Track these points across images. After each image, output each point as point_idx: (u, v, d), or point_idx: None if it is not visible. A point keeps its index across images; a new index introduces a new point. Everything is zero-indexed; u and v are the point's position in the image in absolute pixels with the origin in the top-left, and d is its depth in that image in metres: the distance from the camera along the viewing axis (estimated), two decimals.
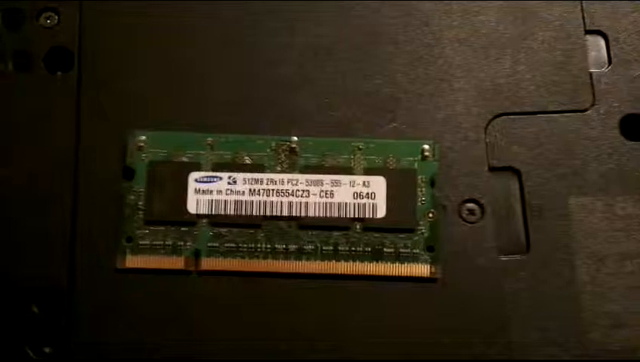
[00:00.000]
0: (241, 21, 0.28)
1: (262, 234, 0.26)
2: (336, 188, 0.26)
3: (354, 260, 0.26)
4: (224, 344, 0.25)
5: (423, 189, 0.26)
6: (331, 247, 0.26)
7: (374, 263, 0.26)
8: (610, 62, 0.28)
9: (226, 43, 0.27)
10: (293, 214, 0.26)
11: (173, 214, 0.26)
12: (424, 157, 0.27)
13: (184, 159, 0.27)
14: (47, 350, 0.25)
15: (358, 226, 0.26)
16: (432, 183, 0.26)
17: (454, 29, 0.28)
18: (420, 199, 0.26)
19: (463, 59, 0.28)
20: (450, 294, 0.26)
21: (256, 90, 0.27)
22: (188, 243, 0.26)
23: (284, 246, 0.26)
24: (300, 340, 0.26)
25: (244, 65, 0.27)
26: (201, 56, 0.27)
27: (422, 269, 0.26)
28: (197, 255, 0.26)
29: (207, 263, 0.26)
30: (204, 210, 0.26)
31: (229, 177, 0.26)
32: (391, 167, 0.27)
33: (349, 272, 0.26)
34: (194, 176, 0.26)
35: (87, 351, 0.25)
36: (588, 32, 0.28)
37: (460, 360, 0.25)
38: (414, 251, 0.26)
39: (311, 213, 0.26)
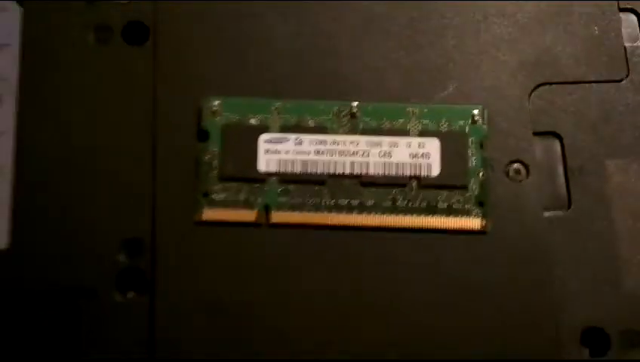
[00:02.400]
0: None
1: (326, 191, 0.28)
2: (394, 148, 0.29)
3: (411, 214, 0.28)
4: (291, 289, 0.27)
5: (473, 150, 0.29)
6: (390, 203, 0.28)
7: (429, 217, 0.28)
8: None
9: (289, 17, 0.30)
10: (355, 172, 0.28)
11: (245, 172, 0.28)
12: (474, 122, 0.29)
13: (254, 122, 0.29)
14: (130, 295, 0.27)
15: (414, 183, 0.28)
16: (481, 145, 0.29)
17: (500, 6, 0.30)
18: (470, 159, 0.29)
19: (507, 33, 0.30)
20: (498, 246, 0.28)
21: (318, 59, 0.29)
22: (259, 199, 0.28)
23: (346, 201, 0.28)
24: (361, 286, 0.28)
25: (305, 37, 0.30)
26: (267, 29, 0.29)
27: (473, 223, 0.28)
28: (267, 209, 0.28)
29: (277, 217, 0.28)
30: (273, 168, 0.28)
31: (296, 138, 0.29)
32: (443, 130, 0.29)
33: (406, 225, 0.28)
34: (264, 137, 0.28)
35: (168, 295, 0.27)
36: (621, 9, 0.31)
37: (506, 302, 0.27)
38: (466, 206, 0.28)
39: (371, 172, 0.28)
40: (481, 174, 0.28)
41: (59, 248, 0.27)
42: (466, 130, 0.28)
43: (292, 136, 0.28)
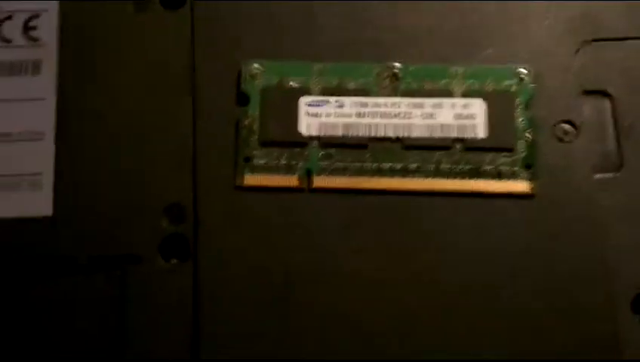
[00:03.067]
0: None
1: (368, 154, 0.28)
2: (438, 110, 0.28)
3: (455, 177, 0.27)
4: (334, 254, 0.27)
5: (520, 111, 0.28)
6: (434, 166, 0.28)
7: (475, 180, 0.27)
8: None
9: None
10: (398, 135, 0.28)
11: (286, 135, 0.28)
12: (520, 81, 0.28)
13: (294, 85, 0.28)
14: (174, 260, 0.27)
15: (458, 146, 0.28)
16: (528, 105, 0.28)
17: None
18: (517, 120, 0.28)
19: None
20: (547, 209, 0.27)
21: (359, 25, 0.29)
22: (300, 163, 0.28)
23: (389, 165, 0.28)
24: (405, 252, 0.27)
25: (346, 5, 0.29)
26: None
27: (521, 186, 0.27)
28: (309, 173, 0.28)
29: (318, 181, 0.27)
30: (314, 131, 0.28)
31: (337, 101, 0.28)
32: (489, 90, 0.28)
33: (451, 189, 0.27)
34: (304, 100, 0.28)
35: (211, 260, 0.27)
36: None
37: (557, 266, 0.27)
38: (513, 169, 0.27)
39: (414, 134, 0.28)
40: (528, 135, 0.27)
41: (101, 215, 0.27)
42: (513, 89, 0.28)
43: (333, 99, 0.28)
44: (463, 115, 0.27)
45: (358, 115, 0.27)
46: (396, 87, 0.28)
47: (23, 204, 0.27)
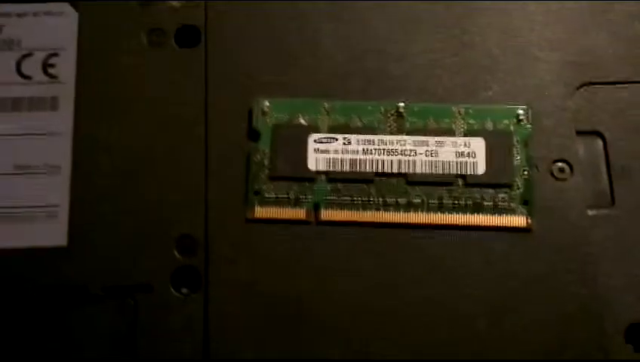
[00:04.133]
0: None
1: (374, 189, 0.29)
2: (440, 148, 0.29)
3: (457, 212, 0.28)
4: (340, 285, 0.28)
5: (518, 149, 0.29)
6: (436, 201, 0.28)
7: (475, 215, 0.28)
8: None
9: (338, 19, 0.30)
10: (402, 171, 0.29)
11: (295, 171, 0.29)
12: (519, 121, 0.29)
13: (303, 122, 0.29)
14: (185, 291, 0.28)
15: (460, 182, 0.29)
16: (525, 144, 0.29)
17: (544, 5, 0.30)
18: (515, 158, 0.29)
19: (551, 33, 0.30)
20: (543, 243, 0.28)
21: (365, 61, 0.30)
22: (308, 197, 0.29)
23: (394, 199, 0.29)
24: (409, 283, 0.28)
25: (353, 39, 0.30)
26: (316, 31, 0.30)
27: (518, 220, 0.28)
28: (316, 207, 0.28)
29: (326, 214, 0.28)
30: (322, 167, 0.29)
31: (344, 138, 0.29)
32: (489, 129, 0.29)
33: (452, 223, 0.28)
34: (313, 137, 0.29)
35: (221, 290, 0.28)
36: None
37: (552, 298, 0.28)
38: (511, 204, 0.28)
39: (418, 170, 0.29)
40: (525, 173, 0.28)
41: (114, 246, 0.28)
42: (511, 129, 0.29)
43: (340, 136, 0.29)
44: (464, 153, 0.28)
45: (365, 151, 0.28)
46: (401, 124, 0.29)
47: (38, 234, 0.28)
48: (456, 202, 0.28)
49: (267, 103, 0.29)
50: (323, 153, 0.28)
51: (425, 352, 0.27)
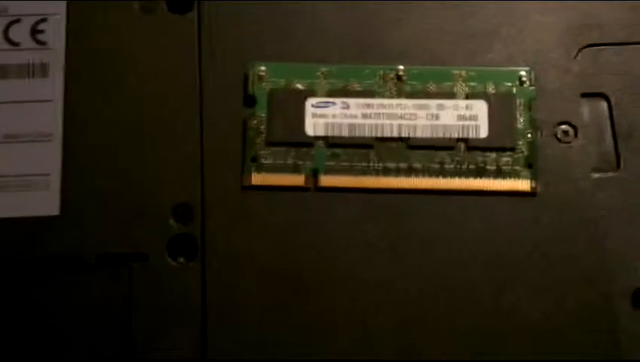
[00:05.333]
0: None
1: (374, 154, 0.28)
2: (441, 111, 0.28)
3: (459, 177, 0.28)
4: (339, 253, 0.27)
5: (521, 112, 0.28)
6: (438, 165, 0.28)
7: (478, 179, 0.28)
8: None
9: None
10: (403, 135, 0.28)
11: (293, 136, 0.28)
12: (521, 83, 0.28)
13: (300, 87, 0.28)
14: (181, 259, 0.27)
15: (462, 146, 0.28)
16: (529, 107, 0.28)
17: None
18: (518, 121, 0.28)
19: None
20: (548, 208, 0.27)
21: (362, 24, 0.29)
22: (307, 163, 0.28)
23: (394, 164, 0.28)
24: (410, 250, 0.27)
25: (351, 6, 0.29)
26: None
27: (523, 184, 0.27)
28: (315, 173, 0.27)
29: (325, 180, 0.27)
30: (320, 132, 0.28)
31: (343, 102, 0.28)
32: (491, 92, 0.28)
33: (454, 188, 0.27)
34: (311, 101, 0.28)
35: (219, 260, 0.27)
36: None
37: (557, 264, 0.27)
38: (515, 168, 0.28)
39: (419, 134, 0.28)
40: (529, 136, 0.27)
41: (109, 215, 0.27)
42: (514, 91, 0.28)
43: (339, 100, 0.28)
44: (465, 116, 0.27)
45: (364, 115, 0.27)
46: (401, 88, 0.28)
47: (30, 203, 0.27)
48: (458, 166, 0.27)
49: (263, 68, 0.28)
50: (321, 118, 0.27)
51: (425, 322, 0.26)
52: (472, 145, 0.27)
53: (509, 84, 0.28)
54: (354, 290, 0.27)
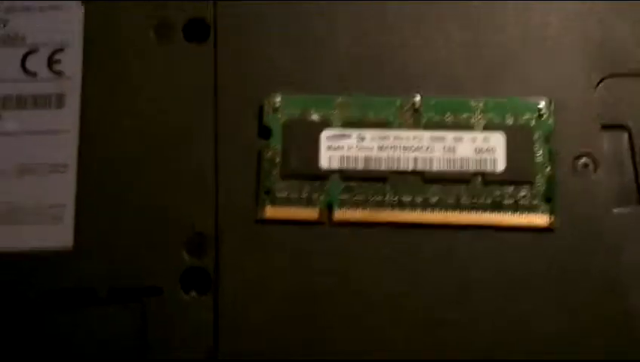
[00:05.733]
0: None
1: (389, 187, 0.27)
2: (458, 143, 0.27)
3: (476, 211, 0.27)
4: (354, 287, 0.26)
5: (540, 145, 0.27)
6: (454, 199, 0.27)
7: (495, 214, 0.27)
8: None
9: (351, 13, 0.29)
10: (419, 168, 0.27)
11: (307, 169, 0.27)
12: (540, 115, 0.28)
13: (315, 118, 0.28)
14: (194, 293, 0.27)
15: (479, 179, 0.27)
16: (547, 139, 0.27)
17: None
18: (536, 154, 0.27)
19: (574, 24, 0.29)
20: (566, 243, 0.27)
21: (380, 54, 0.28)
22: (321, 196, 0.27)
23: (410, 198, 0.27)
24: (425, 285, 0.27)
25: (367, 31, 0.28)
26: (329, 25, 0.28)
27: (540, 219, 0.27)
28: (330, 207, 0.27)
29: (339, 214, 0.27)
30: (335, 165, 0.27)
31: (358, 134, 0.28)
32: (509, 124, 0.28)
33: (471, 222, 0.27)
34: (326, 133, 0.28)
35: (231, 293, 0.27)
36: None
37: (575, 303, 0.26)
38: (533, 202, 0.27)
39: (435, 168, 0.27)
40: (548, 169, 0.27)
41: (122, 247, 0.27)
42: (532, 123, 0.27)
43: (354, 132, 0.27)
44: (482, 149, 0.27)
45: (379, 148, 0.27)
46: (417, 119, 0.27)
47: (44, 236, 0.27)
48: (475, 200, 0.27)
49: (278, 99, 0.28)
50: (336, 150, 0.27)
51: (439, 355, 0.26)
52: (488, 179, 0.27)
53: (528, 116, 0.27)
54: (369, 325, 0.26)
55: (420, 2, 0.29)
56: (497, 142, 0.27)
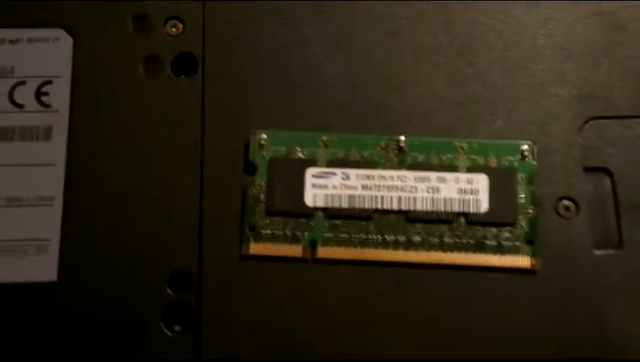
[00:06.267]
0: (349, 27, 0.29)
1: (373, 226, 0.27)
2: (442, 184, 0.28)
3: (459, 251, 0.27)
4: (338, 325, 0.27)
5: (523, 186, 0.28)
6: (437, 239, 0.27)
7: (478, 254, 0.27)
8: None
9: (338, 49, 0.29)
10: (402, 208, 0.27)
11: (292, 206, 0.27)
12: (523, 157, 0.28)
13: (301, 156, 0.28)
14: (177, 328, 0.27)
15: (462, 220, 0.27)
16: (530, 181, 0.28)
17: (551, 38, 0.29)
18: (519, 196, 0.27)
19: (558, 67, 0.29)
20: (548, 285, 0.27)
21: (365, 92, 0.29)
22: (305, 233, 0.27)
23: (393, 237, 0.27)
24: (408, 324, 0.27)
25: (353, 69, 0.29)
26: (316, 61, 0.29)
27: (522, 261, 0.27)
28: (313, 244, 0.27)
29: (323, 252, 0.27)
30: (320, 202, 0.27)
31: (343, 173, 0.28)
32: (492, 166, 0.28)
33: (454, 262, 0.27)
34: (311, 171, 0.28)
35: (215, 329, 0.27)
36: None
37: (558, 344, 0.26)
38: (515, 244, 0.27)
39: (418, 207, 0.27)
40: (530, 211, 0.27)
41: (106, 281, 0.27)
42: (515, 165, 0.27)
43: (339, 171, 0.27)
44: (466, 190, 0.27)
45: (364, 187, 0.27)
46: (402, 159, 0.28)
47: (28, 268, 0.27)
48: (457, 241, 0.27)
49: (264, 136, 0.28)
50: (321, 188, 0.27)
51: None
52: (472, 220, 0.27)
53: (511, 157, 0.28)
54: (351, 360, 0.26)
55: (407, 44, 0.29)
56: (481, 183, 0.27)
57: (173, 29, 0.29)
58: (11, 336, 0.26)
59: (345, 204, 0.27)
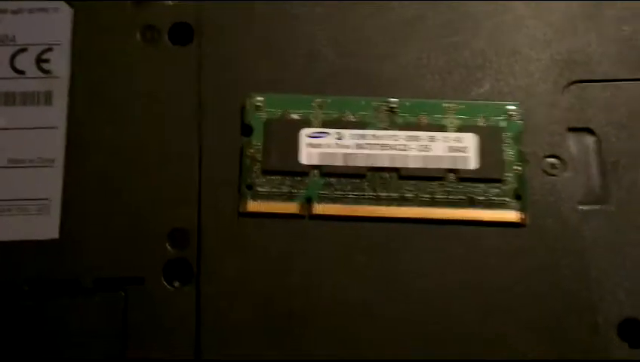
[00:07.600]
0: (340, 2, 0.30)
1: (367, 183, 0.28)
2: (432, 143, 0.29)
3: (449, 207, 0.28)
4: (332, 279, 0.27)
5: (510, 145, 0.29)
6: (428, 195, 0.28)
7: (468, 209, 0.28)
8: None
9: (331, 18, 0.30)
10: (395, 165, 0.28)
11: (288, 165, 0.28)
12: (510, 117, 0.29)
13: (296, 117, 0.29)
14: (177, 284, 0.28)
15: (452, 176, 0.28)
16: (517, 140, 0.29)
17: (533, 6, 0.30)
18: (507, 153, 0.29)
19: (541, 33, 0.30)
20: (536, 238, 0.28)
21: (357, 61, 0.30)
22: (301, 191, 0.28)
23: (386, 193, 0.28)
24: (401, 273, 0.27)
25: (346, 38, 0.30)
26: (308, 31, 0.30)
27: (511, 215, 0.28)
28: (309, 201, 0.28)
29: (318, 208, 0.28)
30: (315, 161, 0.28)
31: (337, 133, 0.29)
32: (480, 125, 0.29)
33: (445, 217, 0.28)
34: (305, 131, 0.29)
35: (213, 284, 0.27)
36: None
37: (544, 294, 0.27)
38: (504, 199, 0.28)
39: (410, 165, 0.28)
40: (517, 168, 0.28)
41: (107, 239, 0.27)
42: (502, 125, 0.28)
43: (333, 131, 0.28)
44: (456, 148, 0.28)
45: (357, 146, 0.28)
46: (394, 120, 0.29)
47: (31, 227, 0.27)
48: (448, 196, 0.28)
49: (260, 98, 0.29)
50: (315, 147, 0.28)
51: (414, 348, 0.27)
52: (461, 176, 0.28)
53: (498, 117, 0.28)
54: (345, 316, 0.27)
55: (399, 9, 0.30)
56: (470, 141, 0.28)
57: (169, 1, 0.30)
58: (13, 293, 0.27)
59: (339, 162, 0.28)
